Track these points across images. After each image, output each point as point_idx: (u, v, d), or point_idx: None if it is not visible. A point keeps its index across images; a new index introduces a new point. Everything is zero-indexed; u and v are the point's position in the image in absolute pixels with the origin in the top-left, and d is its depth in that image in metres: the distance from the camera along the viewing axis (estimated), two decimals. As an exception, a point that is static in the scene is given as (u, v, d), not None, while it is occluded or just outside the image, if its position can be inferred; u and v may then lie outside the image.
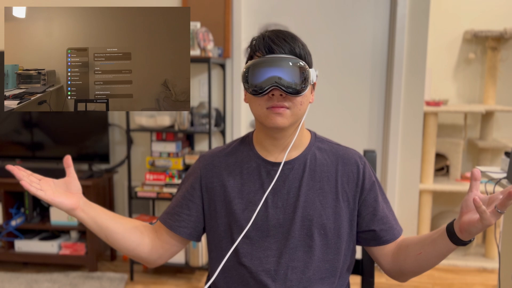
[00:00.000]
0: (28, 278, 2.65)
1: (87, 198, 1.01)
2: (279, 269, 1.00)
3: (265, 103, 0.98)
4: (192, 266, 2.63)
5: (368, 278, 1.21)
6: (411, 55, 2.64)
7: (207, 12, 2.70)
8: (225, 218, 1.05)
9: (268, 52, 0.97)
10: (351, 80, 2.76)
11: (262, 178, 1.04)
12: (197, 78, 2.80)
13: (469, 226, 0.86)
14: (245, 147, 1.09)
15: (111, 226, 1.03)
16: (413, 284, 2.66)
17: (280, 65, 0.95)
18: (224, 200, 1.06)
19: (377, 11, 2.70)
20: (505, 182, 1.64)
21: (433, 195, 3.01)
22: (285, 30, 1.02)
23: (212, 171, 1.08)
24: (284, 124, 0.98)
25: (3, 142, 2.86)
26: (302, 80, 0.96)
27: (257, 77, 0.96)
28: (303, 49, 1.00)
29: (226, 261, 1.03)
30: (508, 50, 3.02)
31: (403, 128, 2.69)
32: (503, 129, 3.11)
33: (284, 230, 1.02)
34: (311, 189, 1.03)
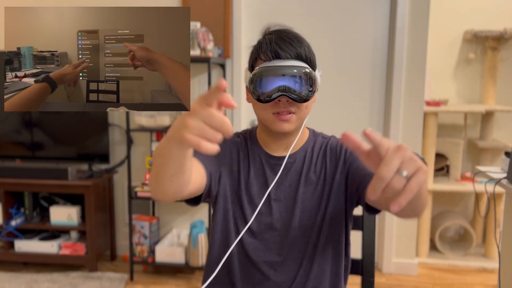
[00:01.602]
0: (28, 278, 2.65)
1: (87, 198, 1.01)
2: (281, 260, 1.03)
3: (271, 109, 0.98)
4: (192, 266, 2.63)
5: (368, 278, 1.21)
6: (411, 55, 2.64)
7: (207, 12, 2.70)
8: (233, 206, 1.06)
9: (274, 57, 0.96)
10: (351, 80, 2.76)
11: (266, 173, 1.06)
12: (197, 78, 2.80)
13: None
14: (252, 141, 1.10)
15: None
16: (413, 284, 2.66)
17: (287, 73, 0.95)
18: (233, 188, 1.06)
19: (377, 11, 2.70)
20: (505, 182, 1.64)
21: (433, 195, 3.01)
22: (290, 30, 1.01)
23: (229, 155, 1.07)
24: (290, 129, 1.00)
25: (3, 142, 2.86)
26: (309, 87, 0.96)
27: (264, 85, 0.96)
28: (309, 51, 0.99)
29: (228, 248, 1.05)
30: (508, 50, 3.02)
31: (403, 128, 2.69)
32: (503, 129, 3.11)
33: (285, 222, 1.04)
34: (308, 181, 1.05)
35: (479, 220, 3.06)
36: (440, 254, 2.97)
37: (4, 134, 2.85)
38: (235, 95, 2.77)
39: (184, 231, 2.90)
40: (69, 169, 2.67)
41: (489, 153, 2.98)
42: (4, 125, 2.84)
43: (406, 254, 2.81)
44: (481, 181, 2.61)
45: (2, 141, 2.86)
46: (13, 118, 2.83)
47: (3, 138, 2.85)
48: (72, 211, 2.75)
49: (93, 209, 2.67)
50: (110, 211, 2.93)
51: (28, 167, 2.73)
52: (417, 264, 2.82)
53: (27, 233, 2.86)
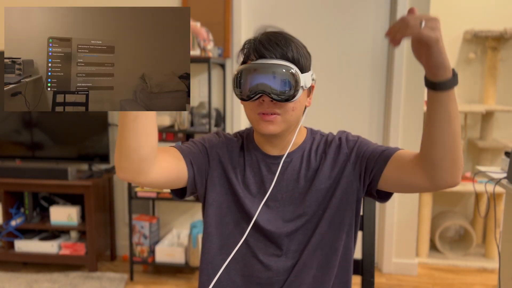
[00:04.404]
0: (28, 278, 2.65)
1: (87, 198, 1.01)
2: (281, 253, 1.04)
3: (256, 108, 0.98)
4: (192, 266, 2.63)
5: (368, 278, 1.21)
6: (411, 55, 2.63)
7: (207, 12, 2.70)
8: (228, 201, 1.06)
9: (259, 57, 0.96)
10: (351, 80, 2.76)
11: (262, 172, 1.06)
12: (197, 78, 2.80)
13: (418, 54, 0.79)
14: (248, 140, 1.10)
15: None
16: (413, 284, 2.66)
17: (267, 71, 0.94)
18: (226, 186, 1.06)
19: (377, 11, 2.70)
20: (505, 182, 1.64)
21: (433, 195, 3.01)
22: (281, 32, 1.00)
23: (226, 152, 1.08)
24: (276, 131, 0.99)
25: (3, 142, 2.86)
26: (292, 86, 0.94)
27: (245, 83, 0.96)
28: (298, 52, 0.97)
29: (229, 242, 1.05)
30: (508, 50, 3.02)
31: (403, 128, 2.69)
32: (503, 129, 3.11)
33: (284, 221, 1.04)
34: (307, 178, 1.04)
35: (479, 220, 3.06)
36: (440, 254, 2.97)
37: (4, 134, 2.85)
38: (235, 95, 2.76)
39: (184, 231, 2.90)
40: (69, 169, 2.67)
41: (489, 153, 2.98)
42: (4, 125, 2.84)
43: (406, 254, 2.81)
44: (481, 181, 2.61)
45: (2, 141, 2.86)
46: (13, 118, 2.83)
47: (3, 138, 2.85)
48: (72, 211, 2.75)
49: (93, 209, 2.67)
50: (110, 211, 2.93)
51: (28, 167, 2.73)
52: (417, 264, 2.82)
53: (27, 233, 2.86)
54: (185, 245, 2.69)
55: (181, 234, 2.89)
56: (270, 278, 1.04)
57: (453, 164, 0.86)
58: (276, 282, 1.04)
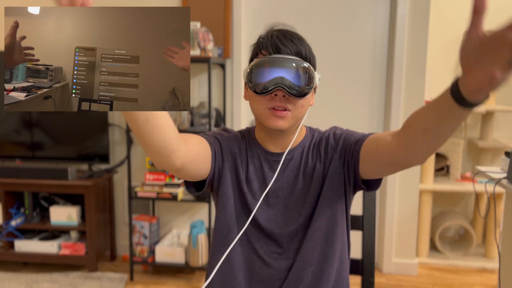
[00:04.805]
0: (28, 278, 2.65)
1: (87, 198, 1.01)
2: (282, 251, 1.05)
3: (267, 103, 0.99)
4: (192, 266, 2.63)
5: (368, 278, 1.21)
6: (411, 55, 2.64)
7: (207, 12, 2.70)
8: (235, 198, 1.07)
9: (275, 52, 0.97)
10: (351, 80, 2.76)
11: (264, 169, 1.06)
12: (197, 78, 2.80)
13: (479, 87, 0.65)
14: (250, 138, 1.11)
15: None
16: (413, 284, 2.66)
17: (286, 65, 0.95)
18: (235, 180, 1.07)
19: (377, 11, 2.70)
20: (505, 182, 1.64)
21: (433, 195, 3.01)
22: (292, 30, 1.02)
23: (236, 147, 1.09)
24: (285, 126, 1.00)
25: (3, 142, 2.86)
26: (307, 82, 0.97)
27: (262, 76, 0.96)
28: (309, 51, 1.00)
29: (232, 236, 1.06)
30: (508, 50, 3.01)
31: (403, 128, 2.69)
32: (503, 129, 3.11)
33: (284, 219, 1.05)
34: (306, 175, 1.06)
35: (479, 220, 3.06)
36: (440, 254, 2.97)
37: (4, 134, 2.85)
38: (235, 95, 2.77)
39: (184, 231, 2.90)
40: (69, 169, 2.67)
41: (489, 153, 2.98)
42: (4, 125, 2.84)
43: (406, 254, 2.81)
44: (481, 181, 2.61)
45: (2, 141, 2.86)
46: (13, 118, 2.83)
47: (3, 138, 2.85)
48: (72, 211, 2.75)
49: (93, 209, 2.67)
50: (110, 211, 2.93)
51: (28, 167, 2.73)
52: (417, 264, 2.82)
53: (27, 233, 2.86)
54: (185, 245, 2.69)
55: (181, 234, 2.89)
56: (271, 276, 1.05)
57: (432, 153, 0.84)
58: (277, 280, 1.05)
